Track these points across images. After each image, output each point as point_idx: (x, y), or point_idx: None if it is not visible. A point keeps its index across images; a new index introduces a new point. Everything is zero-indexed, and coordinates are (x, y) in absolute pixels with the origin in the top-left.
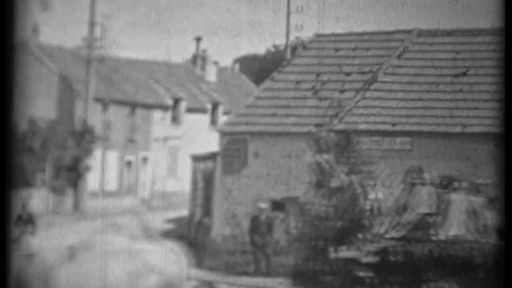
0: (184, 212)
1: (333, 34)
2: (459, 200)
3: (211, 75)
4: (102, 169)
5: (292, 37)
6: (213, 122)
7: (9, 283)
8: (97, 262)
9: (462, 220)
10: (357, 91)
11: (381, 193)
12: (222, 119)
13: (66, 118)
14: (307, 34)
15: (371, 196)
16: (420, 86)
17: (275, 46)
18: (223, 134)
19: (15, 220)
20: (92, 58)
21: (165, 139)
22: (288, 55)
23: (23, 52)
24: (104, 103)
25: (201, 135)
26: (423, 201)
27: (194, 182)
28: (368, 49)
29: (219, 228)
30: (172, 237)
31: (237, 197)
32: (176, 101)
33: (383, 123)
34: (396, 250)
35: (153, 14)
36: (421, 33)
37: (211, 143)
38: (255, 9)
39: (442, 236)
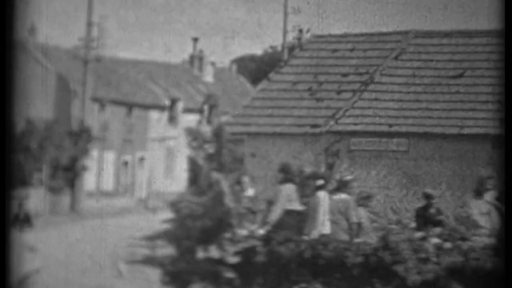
0: None
1: (330, 35)
2: (328, 198)
3: (208, 75)
4: (99, 169)
5: (289, 38)
6: (210, 122)
7: (9, 282)
8: None
9: (326, 218)
10: (354, 92)
11: (253, 191)
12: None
13: (63, 118)
14: (304, 35)
15: (247, 194)
16: (417, 87)
17: (272, 47)
18: None
19: (12, 220)
20: (90, 58)
21: (162, 139)
22: (285, 56)
23: (21, 52)
24: (101, 103)
25: None
26: (291, 199)
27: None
28: (365, 50)
29: None
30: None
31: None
32: (173, 102)
33: (380, 124)
34: (262, 250)
35: (150, 14)
36: (417, 34)
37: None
38: (252, 10)
39: (311, 236)
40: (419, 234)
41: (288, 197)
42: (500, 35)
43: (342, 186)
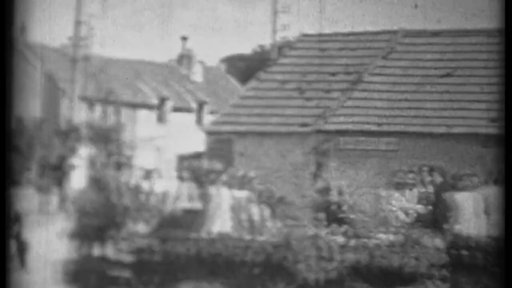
0: None
1: (319, 34)
2: (223, 195)
3: (197, 74)
4: (87, 168)
5: (278, 37)
6: (199, 121)
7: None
8: None
9: (227, 216)
10: (343, 91)
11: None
12: (208, 118)
13: (52, 117)
14: (293, 34)
15: (157, 190)
16: (406, 86)
17: (261, 46)
18: (208, 133)
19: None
20: (78, 57)
21: (151, 138)
22: (274, 55)
23: (12, 51)
24: (90, 102)
25: (187, 134)
26: (183, 196)
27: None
28: (354, 49)
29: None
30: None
31: None
32: (162, 101)
33: (369, 123)
34: (153, 248)
35: (138, 13)
36: (406, 33)
37: (197, 142)
38: (241, 9)
39: (210, 234)
40: (323, 232)
41: (188, 196)
42: (500, 35)
43: (244, 183)
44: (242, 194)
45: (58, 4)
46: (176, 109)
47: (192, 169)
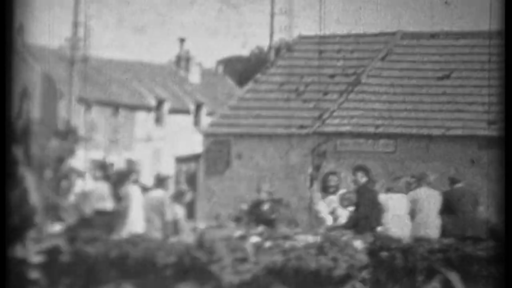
0: None
1: (317, 36)
2: (136, 195)
3: (195, 76)
4: (85, 170)
5: (276, 39)
6: (197, 123)
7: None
8: None
9: (145, 216)
10: (341, 93)
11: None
12: (206, 120)
13: (49, 118)
14: (291, 36)
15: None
16: (404, 88)
17: (259, 48)
18: (206, 135)
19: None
20: (76, 58)
21: (148, 140)
22: (272, 56)
23: (11, 52)
24: (87, 103)
25: (185, 136)
26: (102, 197)
27: (177, 183)
28: (352, 51)
29: None
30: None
31: (220, 199)
32: (160, 102)
33: (366, 125)
34: (67, 249)
35: (136, 14)
36: (404, 35)
37: (195, 144)
38: (239, 10)
39: (121, 235)
40: (238, 233)
41: (99, 196)
42: (498, 37)
43: (159, 183)
44: (156, 194)
45: (56, 5)
46: (174, 111)
47: (103, 167)
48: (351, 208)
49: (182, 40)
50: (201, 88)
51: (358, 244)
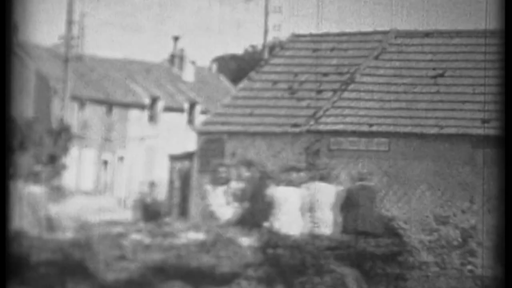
0: None
1: (311, 34)
2: (20, 191)
3: (189, 74)
4: (79, 167)
5: (270, 37)
6: (190, 121)
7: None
8: None
9: (22, 212)
10: (334, 91)
11: None
12: (199, 118)
13: (43, 116)
14: (284, 34)
15: None
16: (398, 87)
17: (252, 46)
18: (200, 133)
19: None
20: (70, 56)
21: (142, 138)
22: (266, 55)
23: (10, 51)
24: (81, 101)
25: (178, 134)
26: None
27: (171, 182)
28: (345, 49)
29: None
30: None
31: None
32: (153, 100)
33: (360, 123)
34: None
35: (131, 13)
36: (398, 34)
37: (188, 142)
38: (233, 9)
39: None
40: (117, 230)
41: None
42: (500, 35)
43: (32, 176)
44: (31, 189)
45: (50, 3)
46: (168, 109)
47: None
48: (237, 203)
49: (176, 39)
50: (195, 87)
51: (244, 240)
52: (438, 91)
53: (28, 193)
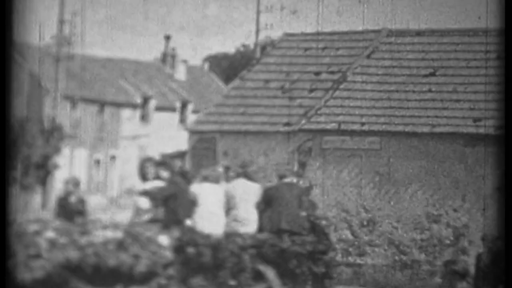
0: None
1: (303, 34)
2: None
3: (181, 73)
4: (71, 167)
5: (261, 36)
6: (182, 120)
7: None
8: None
9: None
10: (326, 90)
11: None
12: (191, 117)
13: (35, 116)
14: (276, 33)
15: None
16: (389, 86)
17: (244, 45)
18: (192, 132)
19: None
20: (61, 55)
21: (134, 137)
22: (258, 54)
23: (9, 52)
24: (73, 101)
25: (170, 134)
26: None
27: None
28: (337, 48)
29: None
30: None
31: None
32: (145, 100)
33: (352, 122)
34: None
35: (122, 12)
36: (390, 33)
37: (180, 141)
38: (224, 8)
39: None
40: (32, 228)
41: None
42: (500, 35)
43: None
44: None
45: (42, 3)
46: (160, 108)
47: None
48: (155, 201)
49: (167, 38)
50: (186, 85)
51: (164, 239)
52: (430, 89)
53: None
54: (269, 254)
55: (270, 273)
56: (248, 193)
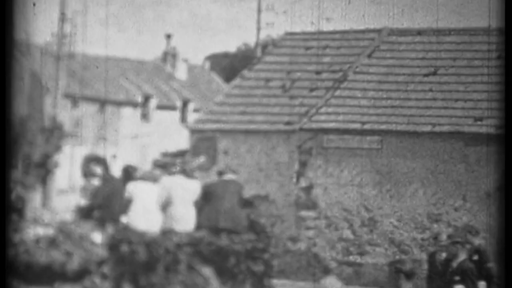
0: None
1: (304, 33)
2: None
3: (181, 72)
4: (71, 165)
5: (262, 35)
6: (183, 119)
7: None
8: None
9: None
10: (327, 89)
11: None
12: (192, 116)
13: (36, 114)
14: (277, 32)
15: None
16: (390, 85)
17: (245, 44)
18: (192, 131)
19: None
20: (62, 54)
21: (135, 136)
22: (259, 53)
23: (11, 52)
24: (73, 99)
25: (171, 132)
26: None
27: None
28: (338, 47)
29: None
30: None
31: None
32: (146, 98)
33: (353, 121)
34: None
35: (123, 11)
36: (391, 32)
37: (181, 140)
38: (225, 7)
39: None
40: None
41: None
42: (500, 34)
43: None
44: None
45: (43, 1)
46: (160, 107)
47: None
48: (90, 198)
49: (168, 37)
50: (187, 84)
51: (97, 237)
52: (431, 89)
53: None
54: (206, 252)
55: (206, 271)
56: (186, 190)
